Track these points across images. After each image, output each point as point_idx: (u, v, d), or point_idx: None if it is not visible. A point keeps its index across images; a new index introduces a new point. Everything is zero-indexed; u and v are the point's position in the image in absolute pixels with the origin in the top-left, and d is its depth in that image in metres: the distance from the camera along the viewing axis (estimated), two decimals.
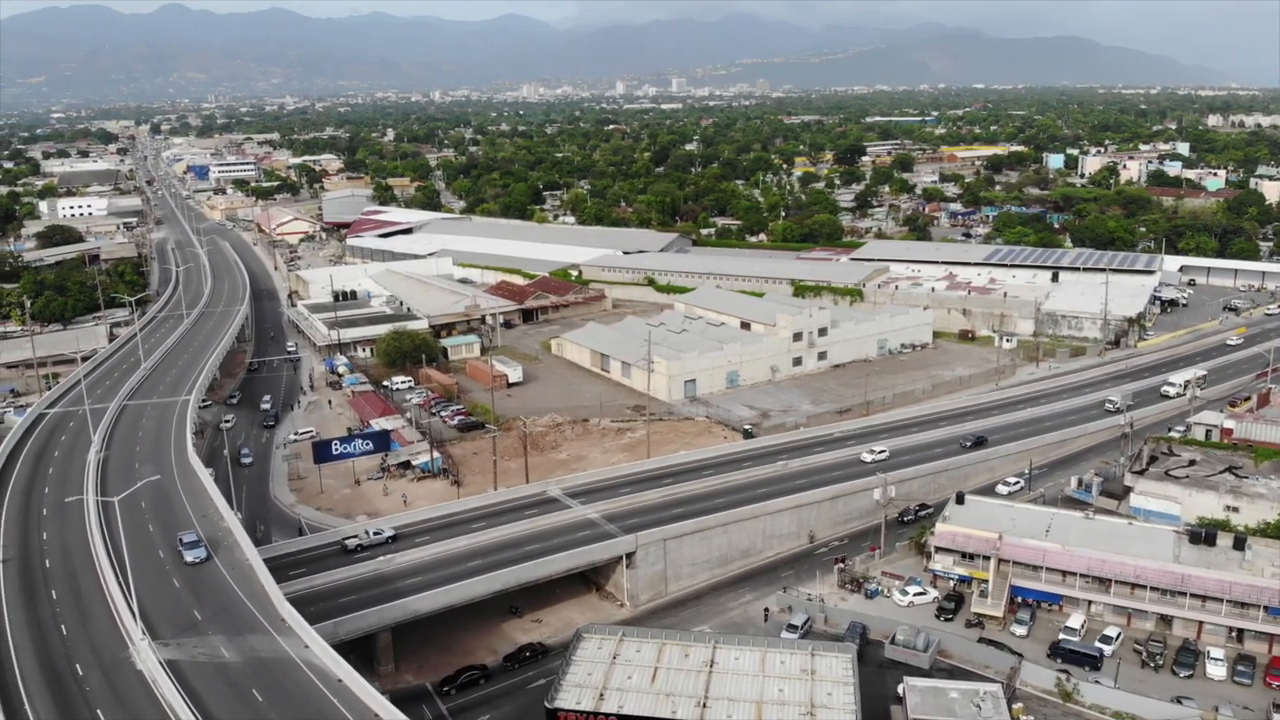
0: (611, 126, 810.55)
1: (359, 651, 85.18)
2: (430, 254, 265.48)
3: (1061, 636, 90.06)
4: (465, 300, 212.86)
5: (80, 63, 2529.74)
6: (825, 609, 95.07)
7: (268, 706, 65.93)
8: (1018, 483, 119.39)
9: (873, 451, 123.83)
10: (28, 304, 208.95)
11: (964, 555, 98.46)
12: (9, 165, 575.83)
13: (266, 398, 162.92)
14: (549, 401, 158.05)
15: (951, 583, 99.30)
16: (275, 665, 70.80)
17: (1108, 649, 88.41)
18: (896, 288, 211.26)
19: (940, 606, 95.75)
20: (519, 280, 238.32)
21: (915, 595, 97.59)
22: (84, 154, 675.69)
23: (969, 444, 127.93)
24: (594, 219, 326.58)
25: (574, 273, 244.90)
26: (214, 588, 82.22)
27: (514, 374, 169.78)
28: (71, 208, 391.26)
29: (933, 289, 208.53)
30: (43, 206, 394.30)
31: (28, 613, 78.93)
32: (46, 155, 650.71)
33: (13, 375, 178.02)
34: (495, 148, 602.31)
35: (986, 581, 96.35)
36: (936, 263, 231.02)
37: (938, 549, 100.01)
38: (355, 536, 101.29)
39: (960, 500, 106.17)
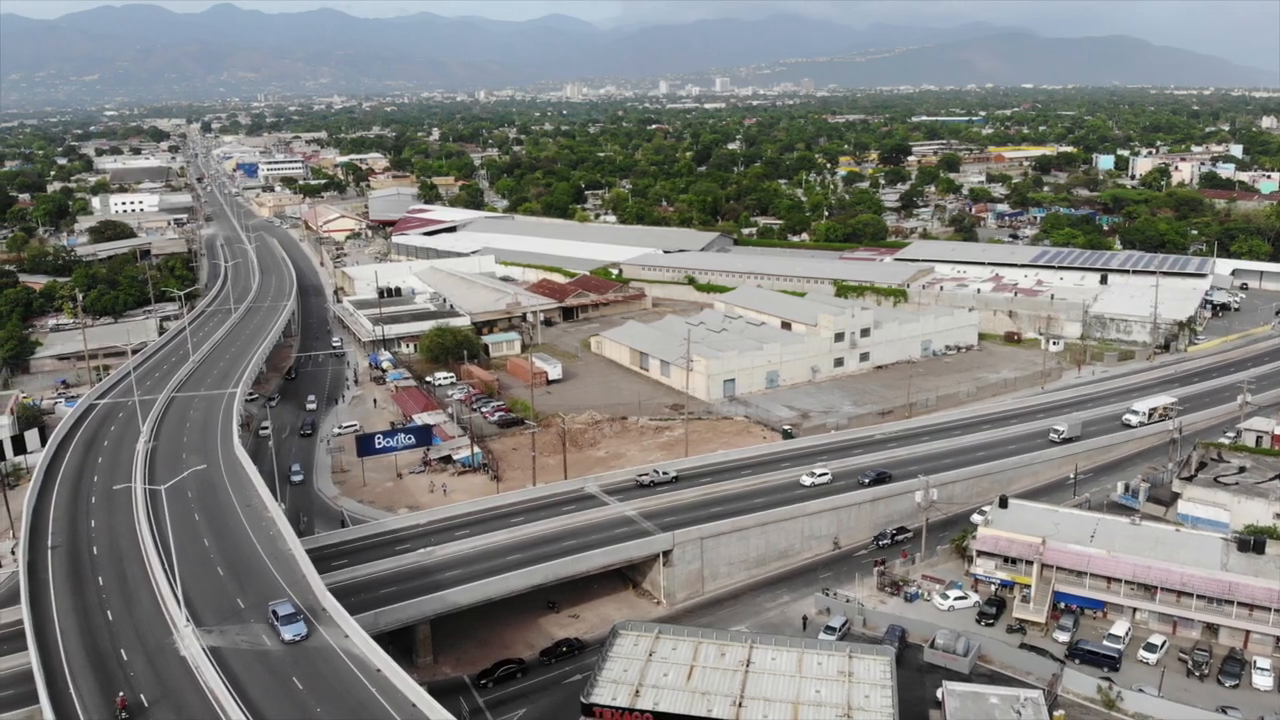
0: (654, 126, 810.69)
1: (398, 643, 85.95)
2: (473, 252, 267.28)
3: (1091, 637, 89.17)
4: (507, 298, 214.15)
5: (133, 61, 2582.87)
6: (864, 611, 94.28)
7: (307, 694, 66.79)
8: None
9: (813, 474, 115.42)
10: (80, 297, 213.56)
11: (1006, 560, 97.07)
12: (63, 161, 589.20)
13: (311, 397, 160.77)
14: (588, 399, 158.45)
15: (993, 587, 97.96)
16: (316, 654, 71.70)
17: (1147, 653, 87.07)
18: (941, 289, 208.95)
19: (981, 611, 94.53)
20: (560, 278, 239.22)
21: (956, 599, 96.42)
22: (136, 151, 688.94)
23: (867, 481, 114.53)
24: (635, 218, 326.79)
25: (614, 271, 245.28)
26: (258, 576, 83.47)
27: (554, 371, 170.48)
28: (123, 204, 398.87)
29: (978, 290, 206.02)
30: (95, 202, 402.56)
31: (75, 598, 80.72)
32: (100, 152, 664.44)
33: (64, 367, 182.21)
34: (538, 147, 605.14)
35: (1029, 586, 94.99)
36: (983, 264, 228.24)
37: (979, 553, 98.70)
38: (646, 474, 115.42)
39: (1003, 504, 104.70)
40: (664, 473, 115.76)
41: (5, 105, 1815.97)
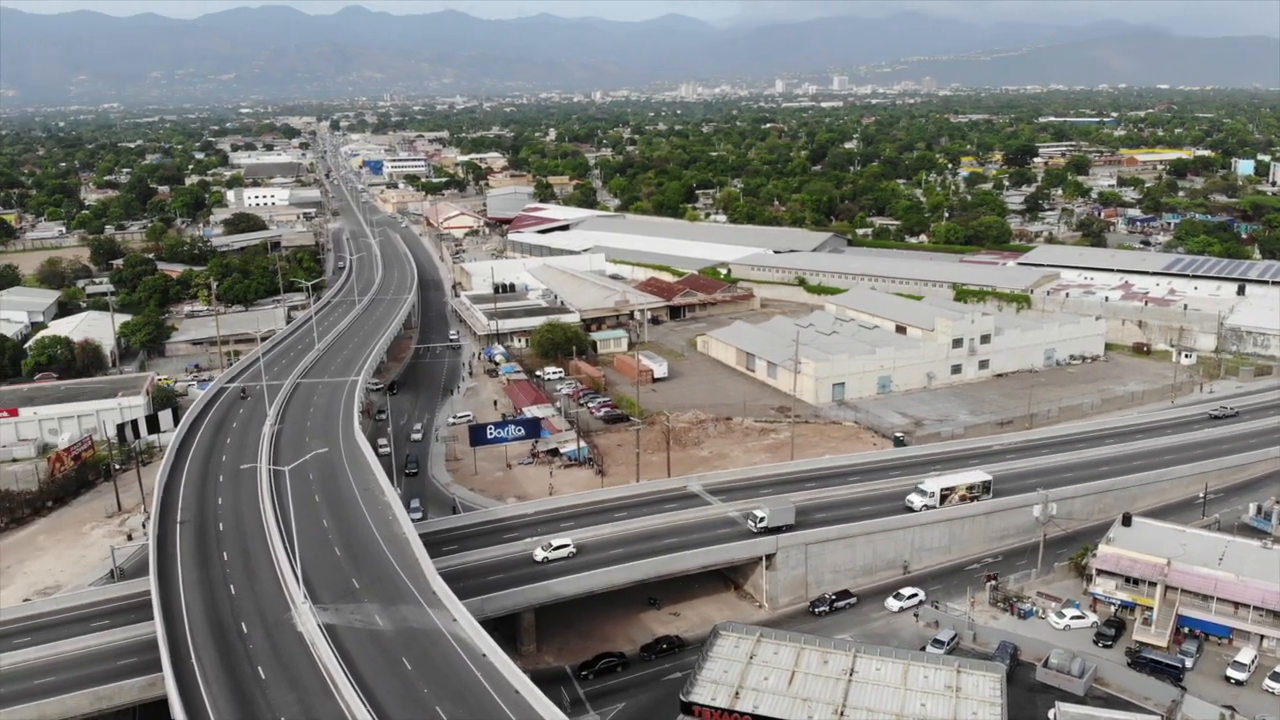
0: (768, 125, 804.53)
1: (503, 629, 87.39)
2: (584, 250, 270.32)
3: (1215, 663, 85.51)
4: (615, 296, 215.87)
5: (267, 61, 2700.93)
6: (975, 626, 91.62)
7: (416, 675, 68.57)
8: (914, 595, 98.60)
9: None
10: (214, 285, 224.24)
11: (1128, 580, 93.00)
12: (200, 156, 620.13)
13: (417, 427, 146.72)
14: (693, 398, 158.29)
15: (1113, 608, 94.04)
16: (424, 636, 73.53)
17: (1274, 682, 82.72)
18: (1067, 295, 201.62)
19: (1099, 632, 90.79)
20: (668, 277, 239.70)
21: (1072, 618, 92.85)
22: (269, 147, 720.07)
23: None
24: (746, 217, 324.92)
25: (723, 271, 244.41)
26: (373, 558, 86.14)
27: (659, 369, 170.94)
28: (256, 197, 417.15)
29: (1106, 298, 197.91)
30: (230, 195, 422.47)
31: (200, 571, 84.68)
32: (235, 148, 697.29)
33: (197, 351, 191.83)
34: (651, 147, 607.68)
35: (1151, 609, 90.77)
36: (1111, 270, 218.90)
37: (1099, 572, 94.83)
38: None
39: (1127, 522, 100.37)
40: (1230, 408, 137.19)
41: (147, 101, 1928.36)
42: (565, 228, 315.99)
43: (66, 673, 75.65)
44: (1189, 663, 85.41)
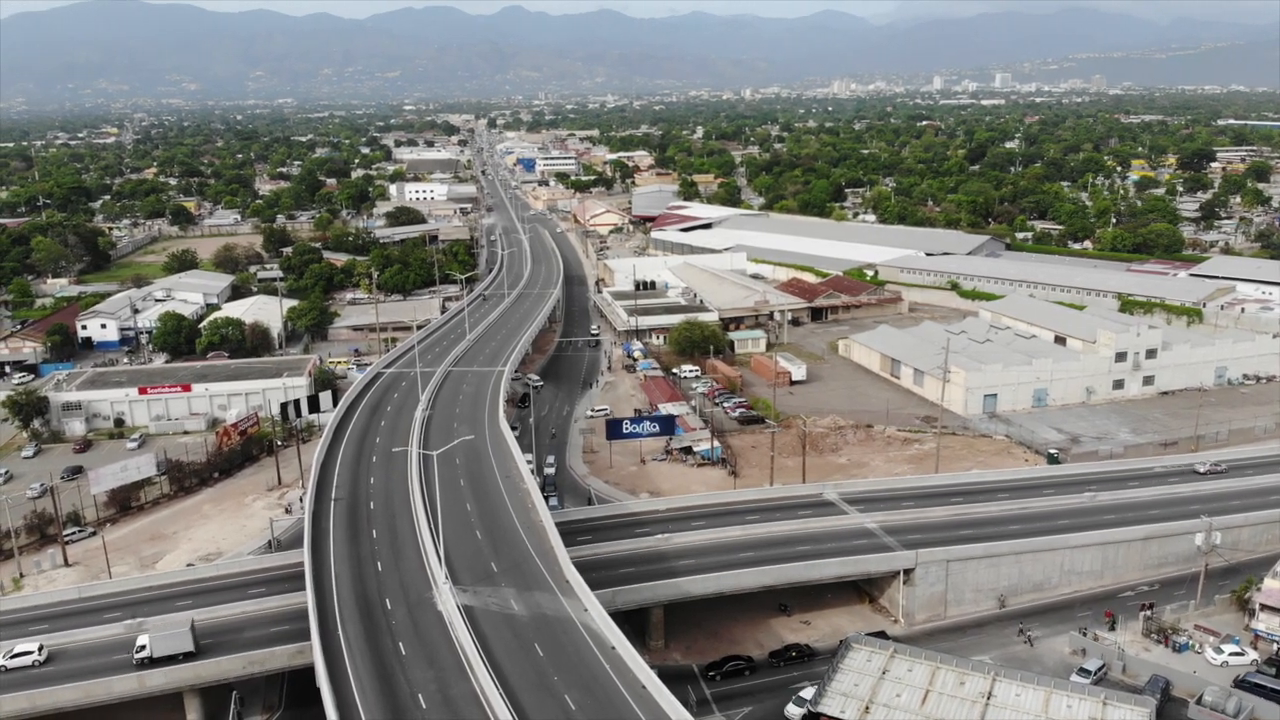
0: (924, 122, 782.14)
1: (633, 623, 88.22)
2: (725, 249, 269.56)
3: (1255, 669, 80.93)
4: (755, 295, 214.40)
5: (430, 59, 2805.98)
6: (1124, 657, 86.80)
7: (546, 661, 70.07)
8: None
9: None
10: (375, 275, 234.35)
11: None
12: (366, 151, 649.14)
13: (550, 460, 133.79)
14: (831, 403, 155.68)
15: (1275, 646, 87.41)
16: (556, 624, 75.06)
17: None
18: (1242, 310, 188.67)
19: (1259, 670, 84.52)
20: (810, 278, 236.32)
21: (1231, 655, 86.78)
22: (429, 143, 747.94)
23: None
24: (896, 218, 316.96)
25: (869, 273, 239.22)
26: (511, 544, 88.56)
27: (797, 372, 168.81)
28: (416, 192, 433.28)
29: None
30: (392, 189, 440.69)
31: (350, 547, 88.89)
32: (398, 144, 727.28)
33: (357, 337, 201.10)
34: (800, 144, 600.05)
35: None
36: None
37: (1264, 607, 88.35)
38: None
39: None
40: None
41: (318, 97, 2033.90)
42: (707, 226, 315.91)
43: (222, 636, 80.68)
44: None
